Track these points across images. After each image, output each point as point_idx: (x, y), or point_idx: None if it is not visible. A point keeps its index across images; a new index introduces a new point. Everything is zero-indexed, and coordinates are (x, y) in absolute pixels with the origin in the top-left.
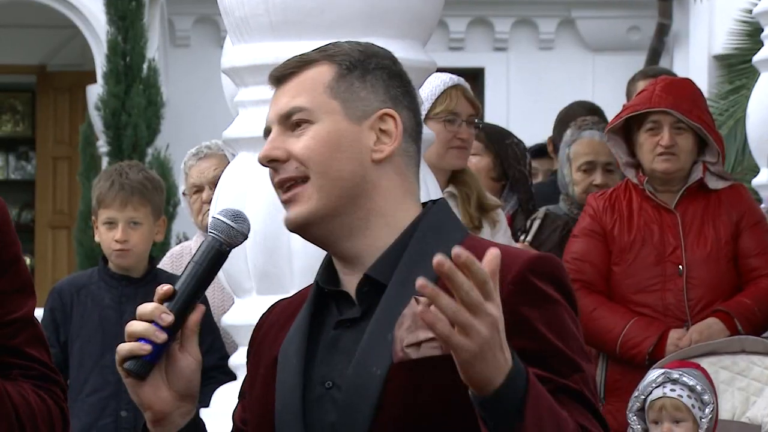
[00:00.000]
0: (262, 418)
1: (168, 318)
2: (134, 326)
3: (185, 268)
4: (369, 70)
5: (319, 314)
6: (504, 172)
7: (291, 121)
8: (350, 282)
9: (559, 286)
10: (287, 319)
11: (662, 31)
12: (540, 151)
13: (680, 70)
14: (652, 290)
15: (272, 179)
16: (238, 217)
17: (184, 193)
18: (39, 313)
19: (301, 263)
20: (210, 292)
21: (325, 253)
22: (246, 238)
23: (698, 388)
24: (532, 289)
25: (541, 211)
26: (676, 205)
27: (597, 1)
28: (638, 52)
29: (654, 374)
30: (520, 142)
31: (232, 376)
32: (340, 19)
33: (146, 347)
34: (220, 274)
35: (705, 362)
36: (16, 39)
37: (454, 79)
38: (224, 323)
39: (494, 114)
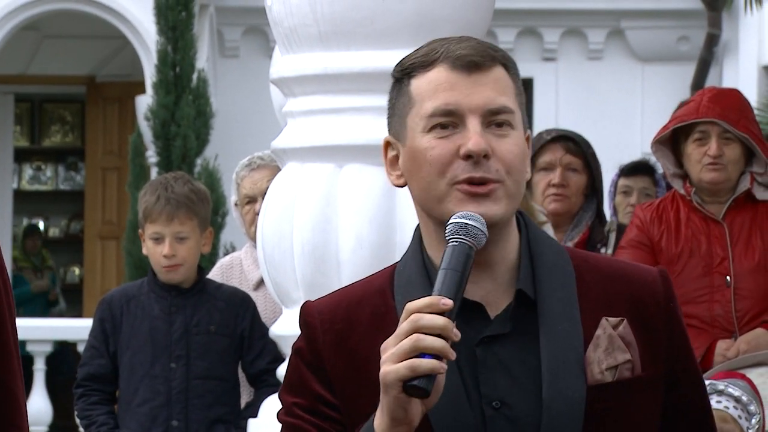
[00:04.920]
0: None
1: (459, 335)
2: (429, 342)
3: (445, 279)
4: (522, 90)
5: None
6: (593, 186)
7: (496, 119)
8: (475, 292)
9: None
10: (377, 319)
11: (712, 41)
12: (635, 168)
13: (730, 81)
14: (700, 301)
15: (464, 171)
16: (480, 219)
17: (235, 204)
18: (88, 323)
19: (349, 273)
20: (261, 302)
21: (372, 264)
22: (487, 239)
23: (744, 398)
24: (678, 306)
25: (614, 223)
26: (724, 216)
27: (646, 11)
28: (688, 63)
29: None
30: None
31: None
32: (389, 29)
33: (444, 366)
34: (269, 283)
35: (754, 373)
36: (65, 50)
37: None
38: (272, 333)
39: (543, 124)
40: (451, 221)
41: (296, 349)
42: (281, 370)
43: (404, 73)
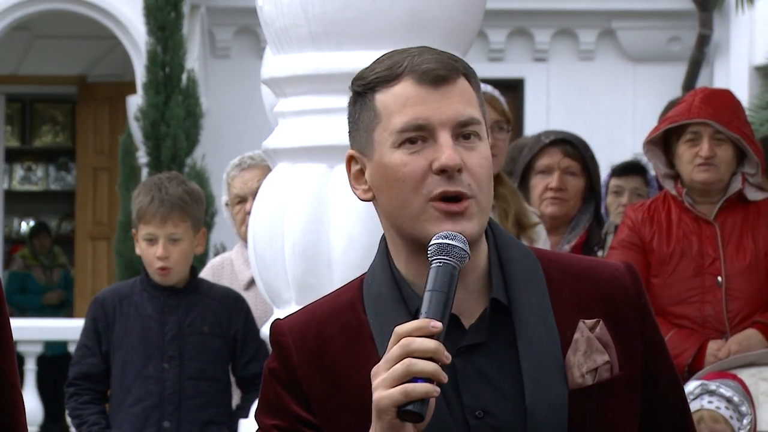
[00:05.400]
0: None
1: (449, 357)
2: (421, 366)
3: (431, 300)
4: (483, 99)
5: None
6: (592, 189)
7: (465, 131)
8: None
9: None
10: (350, 334)
11: (703, 41)
12: (626, 169)
13: (721, 81)
14: (691, 302)
15: (438, 186)
16: (463, 239)
17: (226, 204)
18: (80, 323)
19: (340, 274)
20: (252, 302)
21: (363, 264)
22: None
23: (735, 399)
24: (648, 302)
25: (611, 225)
26: (715, 216)
27: (637, 11)
28: (679, 63)
29: (691, 386)
30: None
31: None
32: (380, 29)
33: (438, 389)
34: (260, 284)
35: (745, 373)
36: (56, 50)
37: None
38: (263, 334)
39: (534, 124)
40: (433, 242)
41: (270, 370)
42: None
43: (367, 87)
